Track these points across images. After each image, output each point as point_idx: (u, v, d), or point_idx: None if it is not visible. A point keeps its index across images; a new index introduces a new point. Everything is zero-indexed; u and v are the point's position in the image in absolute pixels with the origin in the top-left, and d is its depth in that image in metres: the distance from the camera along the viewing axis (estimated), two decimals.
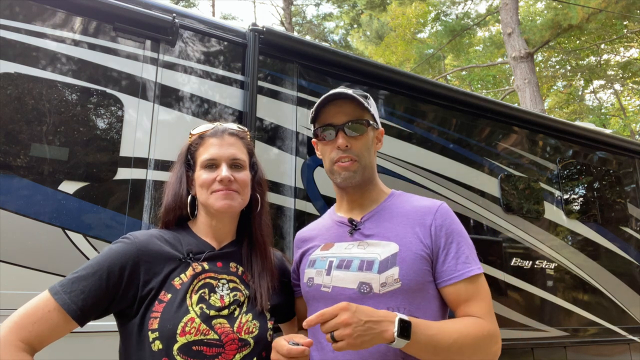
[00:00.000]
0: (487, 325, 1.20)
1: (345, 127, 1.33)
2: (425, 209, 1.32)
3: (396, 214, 1.34)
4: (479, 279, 1.25)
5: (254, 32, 2.84)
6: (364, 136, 1.35)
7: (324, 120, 1.37)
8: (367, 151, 1.36)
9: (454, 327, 1.17)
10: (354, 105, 1.35)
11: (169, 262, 1.18)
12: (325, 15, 20.43)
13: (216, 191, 1.22)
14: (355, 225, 1.35)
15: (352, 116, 1.34)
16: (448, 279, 1.23)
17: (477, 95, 4.15)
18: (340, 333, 1.03)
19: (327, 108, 1.38)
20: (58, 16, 2.39)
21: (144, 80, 2.52)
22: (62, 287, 1.07)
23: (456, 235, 1.28)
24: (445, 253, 1.25)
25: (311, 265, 1.35)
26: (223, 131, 1.30)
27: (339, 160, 1.33)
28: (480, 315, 1.21)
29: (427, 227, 1.28)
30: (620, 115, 18.62)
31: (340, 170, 1.33)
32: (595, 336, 3.91)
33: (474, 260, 1.26)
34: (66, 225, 2.17)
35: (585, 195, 4.36)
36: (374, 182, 1.41)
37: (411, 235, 1.27)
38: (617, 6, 10.03)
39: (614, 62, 17.28)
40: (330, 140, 1.36)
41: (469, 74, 17.72)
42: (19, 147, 2.16)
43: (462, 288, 1.23)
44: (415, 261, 1.23)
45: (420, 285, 1.22)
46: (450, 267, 1.24)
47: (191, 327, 1.10)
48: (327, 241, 1.38)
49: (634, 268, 4.34)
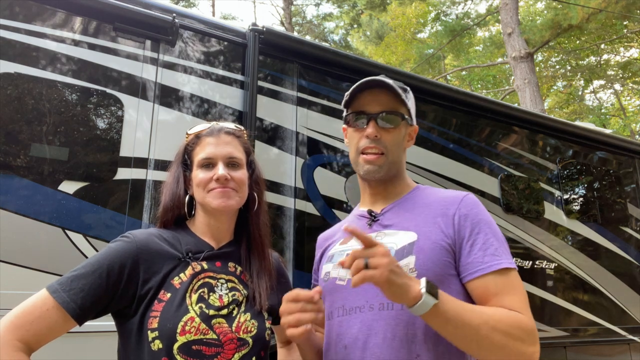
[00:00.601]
0: (524, 319, 1.05)
1: (379, 117, 1.26)
2: (450, 199, 1.23)
3: (418, 205, 1.26)
4: (511, 273, 1.11)
5: (254, 32, 2.84)
6: (396, 130, 1.28)
7: (357, 107, 1.30)
8: (396, 146, 1.28)
9: (487, 309, 1.05)
10: (391, 96, 1.27)
11: (168, 261, 1.17)
12: (325, 15, 20.44)
13: (213, 190, 1.22)
14: (374, 217, 1.29)
15: (387, 107, 1.26)
16: (474, 271, 1.11)
17: (477, 95, 4.15)
18: (378, 261, 0.94)
19: (363, 95, 1.29)
20: (58, 16, 2.39)
21: (144, 80, 2.52)
22: (61, 286, 1.07)
23: (484, 226, 1.16)
24: (470, 244, 1.13)
25: (329, 260, 1.32)
26: (219, 130, 1.29)
27: (365, 150, 1.26)
28: (516, 308, 1.06)
29: (450, 217, 1.18)
30: (620, 115, 18.61)
31: (365, 163, 1.27)
32: (595, 336, 3.91)
33: (504, 253, 1.13)
34: (66, 225, 2.17)
35: (585, 195, 4.36)
36: (400, 178, 1.34)
37: (432, 225, 1.18)
38: (617, 6, 10.03)
39: (614, 62, 17.28)
40: (360, 128, 1.28)
41: (469, 74, 17.72)
42: (19, 147, 2.16)
43: (490, 281, 1.09)
44: (434, 251, 1.13)
45: (439, 277, 1.10)
46: (477, 259, 1.11)
47: (191, 327, 1.10)
48: (347, 235, 1.32)
49: (634, 268, 4.34)
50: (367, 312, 1.14)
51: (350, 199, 3.03)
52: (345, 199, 3.02)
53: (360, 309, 1.16)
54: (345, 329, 1.17)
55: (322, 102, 3.10)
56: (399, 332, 1.09)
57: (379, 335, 1.11)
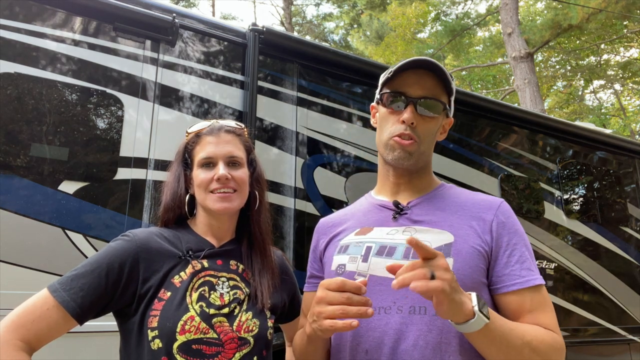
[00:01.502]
0: (559, 340, 1.03)
1: (419, 102, 1.13)
2: (485, 203, 1.15)
3: (450, 203, 1.17)
4: (544, 290, 1.08)
5: (254, 32, 2.84)
6: (434, 119, 1.16)
7: (397, 87, 1.16)
8: (431, 136, 1.18)
9: (528, 329, 1.01)
10: (437, 81, 1.15)
11: (168, 260, 1.17)
12: (325, 15, 20.44)
13: (214, 191, 1.22)
14: (401, 209, 1.18)
15: (430, 92, 1.14)
16: (511, 284, 1.05)
17: (477, 95, 4.15)
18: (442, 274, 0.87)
19: (406, 74, 1.15)
20: (58, 16, 2.39)
21: (144, 80, 2.52)
22: (61, 285, 1.07)
23: (520, 238, 1.10)
24: (507, 255, 1.07)
25: (342, 251, 1.18)
26: (219, 129, 1.28)
27: (400, 135, 1.13)
28: (550, 327, 1.04)
29: (487, 223, 1.10)
30: (620, 115, 18.61)
31: (397, 147, 1.14)
32: (595, 336, 3.91)
33: (536, 269, 1.09)
34: (66, 225, 2.17)
35: (585, 195, 4.36)
36: (426, 171, 1.24)
37: (468, 228, 1.10)
38: (617, 6, 10.03)
39: (614, 62, 17.27)
40: (396, 111, 1.15)
41: (469, 74, 17.71)
42: (19, 147, 2.16)
43: (527, 297, 1.04)
44: (472, 256, 1.06)
45: (475, 284, 1.04)
46: (515, 272, 1.05)
47: (191, 326, 1.10)
48: (364, 225, 1.21)
49: (634, 268, 4.34)
50: (395, 315, 1.05)
51: (350, 199, 3.02)
52: (345, 199, 3.02)
53: (385, 310, 1.06)
54: (365, 331, 1.07)
55: (322, 102, 3.10)
56: (432, 340, 1.01)
57: (408, 340, 1.02)
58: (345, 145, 3.12)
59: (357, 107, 3.22)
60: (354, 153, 3.15)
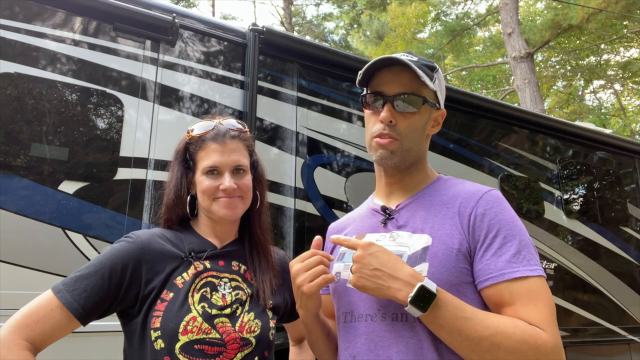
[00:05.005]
0: (542, 337, 0.93)
1: (395, 100, 1.12)
2: (469, 194, 1.11)
3: (436, 202, 1.14)
4: (532, 281, 0.98)
5: (254, 32, 2.84)
6: (415, 115, 1.13)
7: (375, 86, 1.16)
8: (414, 132, 1.14)
9: (496, 322, 0.95)
10: (413, 77, 1.12)
11: (171, 261, 1.18)
12: (325, 16, 20.45)
13: (219, 199, 1.22)
14: (389, 214, 1.17)
15: (406, 88, 1.12)
16: (485, 279, 1.00)
17: (477, 95, 4.16)
18: (353, 268, 0.97)
19: (382, 73, 1.15)
20: (58, 16, 2.39)
21: (144, 80, 2.52)
22: (65, 286, 1.08)
23: (504, 228, 1.03)
24: (484, 248, 1.02)
25: (340, 259, 1.21)
26: (224, 135, 1.26)
27: (379, 135, 1.13)
28: (536, 322, 0.95)
29: (465, 217, 1.06)
30: (620, 115, 18.62)
31: (377, 147, 1.14)
32: (595, 336, 3.91)
33: (525, 259, 1.00)
34: (66, 225, 2.17)
35: (585, 195, 4.36)
36: (419, 167, 1.21)
37: (449, 227, 1.07)
38: (617, 6, 10.03)
39: (614, 62, 17.29)
40: (377, 111, 1.15)
41: (469, 74, 17.72)
42: (19, 147, 2.16)
43: (505, 290, 0.98)
44: (449, 257, 1.03)
45: (455, 287, 1.01)
46: (489, 266, 1.00)
47: (193, 326, 1.10)
48: (360, 232, 1.22)
49: (634, 268, 4.34)
50: (380, 322, 1.06)
51: (350, 199, 3.03)
52: (345, 199, 3.02)
53: (372, 317, 1.08)
54: (353, 337, 1.10)
55: (322, 102, 3.10)
56: (412, 345, 1.01)
57: (392, 347, 1.03)
58: (345, 145, 3.12)
59: (357, 107, 3.22)
60: (354, 153, 3.15)
